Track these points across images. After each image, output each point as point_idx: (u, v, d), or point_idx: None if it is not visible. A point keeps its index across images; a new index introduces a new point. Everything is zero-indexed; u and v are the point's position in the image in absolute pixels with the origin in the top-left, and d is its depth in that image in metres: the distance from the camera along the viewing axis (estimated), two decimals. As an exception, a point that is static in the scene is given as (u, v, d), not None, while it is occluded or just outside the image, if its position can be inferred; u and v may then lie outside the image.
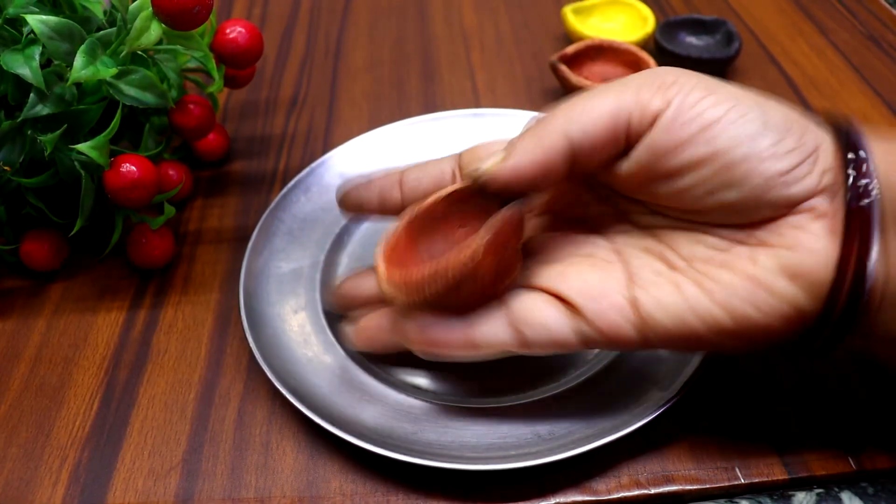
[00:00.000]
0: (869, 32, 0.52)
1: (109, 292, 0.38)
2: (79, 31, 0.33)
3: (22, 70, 0.32)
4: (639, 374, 0.31)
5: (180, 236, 0.40)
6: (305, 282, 0.36)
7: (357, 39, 0.55)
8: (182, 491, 0.29)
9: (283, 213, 0.38)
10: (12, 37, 0.33)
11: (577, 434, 0.29)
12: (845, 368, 0.32)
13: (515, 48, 0.53)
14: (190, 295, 0.37)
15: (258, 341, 0.32)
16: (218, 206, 0.42)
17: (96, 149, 0.33)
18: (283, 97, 0.50)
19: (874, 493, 0.28)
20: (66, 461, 0.31)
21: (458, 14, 0.57)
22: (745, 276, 0.24)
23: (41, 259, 0.37)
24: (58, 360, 0.35)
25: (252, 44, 0.37)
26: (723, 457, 0.29)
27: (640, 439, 0.30)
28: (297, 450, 0.31)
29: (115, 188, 0.34)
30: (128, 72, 0.34)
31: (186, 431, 0.31)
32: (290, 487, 0.29)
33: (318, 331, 0.34)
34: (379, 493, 0.29)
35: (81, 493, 0.30)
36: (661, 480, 0.29)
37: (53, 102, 0.33)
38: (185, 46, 0.35)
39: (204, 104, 0.38)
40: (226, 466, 0.30)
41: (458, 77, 0.51)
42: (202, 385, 0.33)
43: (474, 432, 0.30)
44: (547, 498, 0.28)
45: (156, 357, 0.34)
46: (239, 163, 0.45)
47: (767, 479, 0.28)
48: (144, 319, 0.36)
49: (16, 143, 0.34)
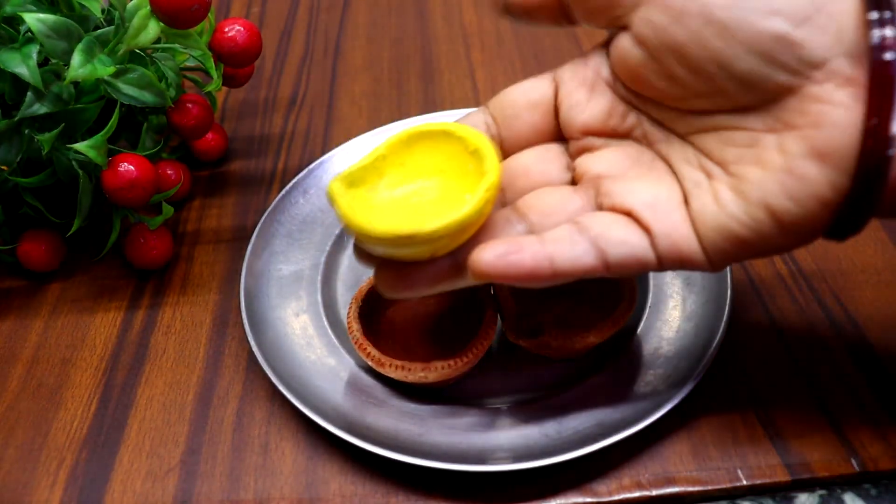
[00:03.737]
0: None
1: (107, 292, 0.37)
2: (76, 29, 0.33)
3: (19, 69, 0.32)
4: (639, 374, 0.31)
5: (178, 236, 0.40)
6: (306, 284, 0.36)
7: (356, 39, 0.55)
8: (180, 492, 0.29)
9: (281, 215, 0.38)
10: (10, 35, 0.33)
11: (583, 434, 0.29)
12: (848, 370, 0.32)
13: (515, 48, 0.53)
14: (188, 295, 0.37)
15: (260, 344, 0.32)
16: (216, 206, 0.42)
17: (94, 148, 0.33)
18: (281, 97, 0.50)
19: (877, 495, 0.28)
20: (64, 462, 0.30)
21: (458, 13, 0.57)
22: (776, 168, 0.23)
23: (39, 259, 0.37)
24: (55, 360, 0.34)
25: (251, 42, 0.37)
26: (724, 458, 0.29)
27: (641, 441, 0.29)
28: (296, 451, 0.30)
29: (112, 188, 0.34)
30: (126, 70, 0.34)
31: (185, 433, 0.31)
32: (289, 489, 0.29)
33: (321, 334, 0.34)
34: (379, 494, 0.29)
35: (79, 495, 0.29)
36: (662, 482, 0.28)
37: (51, 101, 0.33)
38: (184, 45, 0.35)
39: (202, 103, 0.38)
40: (224, 468, 0.30)
41: (458, 76, 0.51)
42: (200, 386, 0.33)
43: (482, 434, 0.30)
44: (548, 499, 0.28)
45: (154, 358, 0.34)
46: (237, 162, 0.44)
47: (769, 480, 0.28)
48: (142, 320, 0.36)
49: (13, 142, 0.34)
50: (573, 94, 0.28)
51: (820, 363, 0.32)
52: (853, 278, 0.35)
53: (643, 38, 0.25)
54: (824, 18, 0.22)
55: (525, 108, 0.28)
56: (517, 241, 0.25)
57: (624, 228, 0.25)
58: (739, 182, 0.24)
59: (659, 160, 0.27)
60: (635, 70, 0.26)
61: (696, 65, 0.24)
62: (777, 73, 0.23)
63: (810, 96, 0.23)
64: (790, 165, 0.23)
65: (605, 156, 0.27)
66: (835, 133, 0.22)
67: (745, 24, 0.23)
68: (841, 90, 0.22)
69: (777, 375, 0.32)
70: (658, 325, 0.33)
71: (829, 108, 0.22)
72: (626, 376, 0.31)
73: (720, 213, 0.24)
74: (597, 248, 0.25)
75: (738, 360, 0.32)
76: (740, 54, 0.23)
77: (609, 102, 0.28)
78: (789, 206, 0.23)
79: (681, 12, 0.24)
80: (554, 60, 0.51)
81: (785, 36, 0.22)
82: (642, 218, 0.25)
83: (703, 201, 0.24)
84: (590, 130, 0.28)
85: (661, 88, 0.25)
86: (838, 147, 0.22)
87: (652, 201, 0.25)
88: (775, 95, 0.23)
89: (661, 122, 0.27)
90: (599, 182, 0.27)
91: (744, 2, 0.23)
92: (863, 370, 0.32)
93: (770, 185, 0.23)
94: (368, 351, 0.30)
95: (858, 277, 0.35)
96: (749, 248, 0.24)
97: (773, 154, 0.23)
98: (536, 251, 0.24)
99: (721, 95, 0.24)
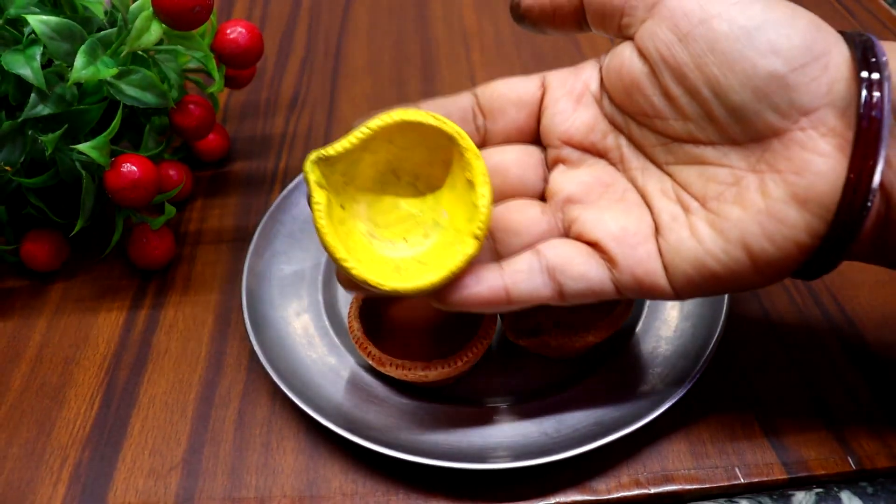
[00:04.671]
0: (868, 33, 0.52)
1: (110, 292, 0.38)
2: (79, 31, 0.33)
3: (23, 70, 0.32)
4: (638, 374, 0.31)
5: (180, 236, 0.40)
6: (307, 284, 0.36)
7: (357, 40, 0.55)
8: (182, 490, 0.29)
9: (282, 215, 0.38)
10: (13, 37, 0.33)
11: (582, 432, 0.29)
12: (845, 369, 0.32)
13: (515, 48, 0.53)
14: (190, 295, 0.37)
15: (262, 344, 0.32)
16: (218, 206, 0.42)
17: (97, 149, 0.33)
18: (283, 98, 0.50)
19: (873, 493, 0.29)
20: (67, 461, 0.31)
21: (458, 14, 0.58)
22: (756, 209, 0.24)
23: (42, 259, 0.37)
24: (58, 360, 0.35)
25: (252, 44, 0.37)
26: (722, 456, 0.29)
27: (640, 439, 0.30)
28: (297, 450, 0.31)
29: (115, 188, 0.34)
30: (128, 72, 0.34)
31: (187, 431, 0.31)
32: (291, 487, 0.29)
33: (322, 333, 0.34)
34: (379, 492, 0.29)
35: (82, 493, 0.30)
36: (660, 480, 0.29)
37: (54, 102, 0.33)
38: (186, 47, 0.35)
39: (204, 104, 0.38)
40: (226, 466, 0.30)
41: (458, 77, 0.51)
42: (202, 385, 0.33)
43: (481, 432, 0.30)
44: (547, 497, 0.28)
45: (156, 357, 0.35)
46: (239, 163, 0.45)
47: (767, 478, 0.29)
48: (145, 319, 0.36)
49: (17, 143, 0.34)
50: (559, 101, 0.28)
51: (817, 362, 0.32)
52: (850, 278, 0.35)
53: (646, 51, 0.25)
54: (819, 68, 0.23)
55: (512, 103, 0.28)
56: (478, 272, 0.26)
57: (585, 263, 0.25)
58: (718, 219, 0.24)
59: (632, 190, 0.27)
60: (633, 81, 0.26)
61: (692, 87, 0.24)
62: (767, 112, 0.23)
63: (795, 141, 0.23)
64: (771, 208, 0.23)
65: (579, 176, 0.28)
66: (817, 181, 0.23)
67: (745, 59, 0.23)
68: (825, 140, 0.23)
69: (774, 374, 0.32)
70: (656, 325, 0.33)
71: (813, 156, 0.23)
72: (625, 375, 0.31)
73: (697, 248, 0.24)
74: (554, 282, 0.25)
75: (735, 359, 0.33)
76: (736, 86, 0.23)
77: (592, 117, 0.28)
78: (767, 247, 0.23)
79: (687, 34, 0.24)
80: (553, 62, 0.52)
81: (782, 77, 0.23)
82: (608, 250, 0.25)
83: (680, 235, 0.25)
84: (569, 141, 0.28)
85: (654, 104, 0.26)
86: (819, 195, 0.23)
87: (619, 234, 0.26)
88: (762, 134, 0.24)
89: (642, 148, 0.27)
90: (569, 206, 0.27)
91: (748, 37, 0.23)
92: (860, 369, 0.32)
93: (750, 225, 0.24)
94: (369, 350, 0.30)
95: (855, 277, 0.35)
96: (719, 284, 0.25)
97: (755, 195, 0.24)
98: (494, 284, 0.25)
99: (710, 123, 0.25)
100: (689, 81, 0.24)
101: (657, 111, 0.26)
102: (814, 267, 0.24)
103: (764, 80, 0.23)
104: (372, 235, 0.27)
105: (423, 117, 0.26)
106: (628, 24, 0.26)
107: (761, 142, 0.24)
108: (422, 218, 0.27)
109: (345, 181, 0.26)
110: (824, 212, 0.23)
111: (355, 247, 0.26)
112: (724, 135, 0.25)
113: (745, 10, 0.23)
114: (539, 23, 0.29)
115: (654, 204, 0.26)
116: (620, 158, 0.28)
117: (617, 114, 0.27)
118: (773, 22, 0.23)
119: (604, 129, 0.28)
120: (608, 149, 0.28)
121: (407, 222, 0.27)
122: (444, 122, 0.26)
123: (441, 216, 0.27)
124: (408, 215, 0.27)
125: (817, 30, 0.23)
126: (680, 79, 0.24)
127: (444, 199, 0.27)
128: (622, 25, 0.26)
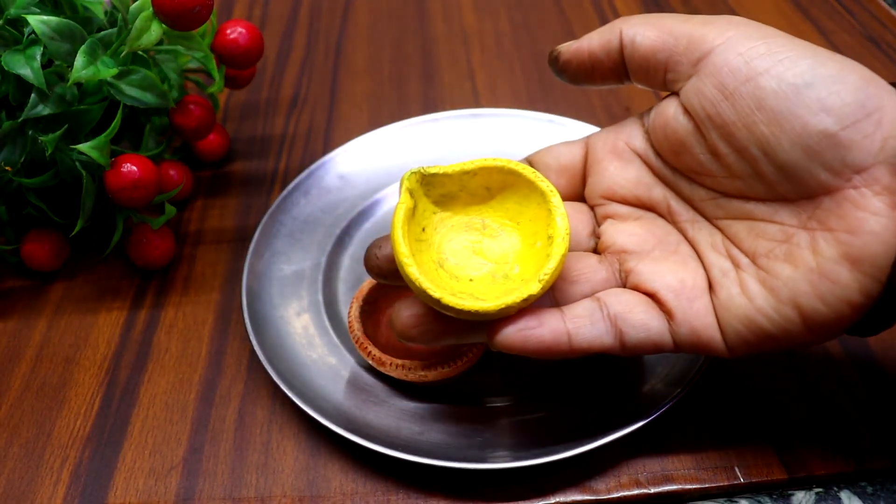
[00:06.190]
0: (868, 33, 0.52)
1: (110, 292, 0.38)
2: (80, 31, 0.33)
3: (23, 70, 0.32)
4: (638, 373, 0.31)
5: (181, 236, 0.40)
6: (308, 284, 0.36)
7: (357, 40, 0.55)
8: (183, 490, 0.29)
9: (283, 215, 0.38)
10: (13, 37, 0.33)
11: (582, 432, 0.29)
12: (844, 368, 0.32)
13: (515, 48, 0.53)
14: (190, 295, 0.37)
15: (262, 344, 0.32)
16: (218, 206, 0.42)
17: (97, 149, 0.33)
18: (283, 98, 0.50)
19: (873, 493, 0.29)
20: (67, 461, 0.31)
21: (458, 14, 0.58)
22: (808, 269, 0.23)
23: (42, 259, 0.37)
24: (59, 359, 0.35)
25: (252, 44, 0.37)
26: (722, 456, 0.29)
27: (640, 439, 0.30)
28: (297, 449, 0.31)
29: (115, 188, 0.34)
30: (128, 72, 0.34)
31: (187, 431, 0.32)
32: (291, 487, 0.29)
33: (322, 333, 0.34)
34: (379, 492, 0.29)
35: (82, 493, 0.30)
36: (660, 480, 0.29)
37: (54, 103, 0.33)
38: (186, 47, 0.35)
39: (204, 104, 0.38)
40: (226, 466, 0.30)
41: (458, 77, 0.51)
42: (203, 385, 0.33)
43: (481, 432, 0.30)
44: (547, 497, 0.28)
45: (156, 357, 0.35)
46: (239, 163, 0.45)
47: (767, 478, 0.29)
48: (145, 319, 0.36)
49: (17, 143, 0.34)
50: (602, 161, 0.28)
51: (817, 361, 0.32)
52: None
53: (691, 108, 0.25)
54: (872, 124, 0.22)
55: (555, 171, 0.29)
56: (539, 314, 0.25)
57: (645, 312, 0.25)
58: (769, 277, 0.24)
59: (685, 242, 0.27)
60: (678, 138, 0.26)
61: (740, 145, 0.24)
62: (819, 171, 0.23)
63: (848, 199, 0.23)
64: (823, 268, 0.23)
65: (631, 228, 0.27)
66: (870, 241, 0.22)
67: (795, 117, 0.23)
68: (878, 198, 0.22)
69: (774, 374, 0.32)
70: (656, 325, 0.33)
71: (867, 215, 0.22)
72: (625, 375, 0.31)
73: (748, 306, 0.24)
74: (616, 329, 0.25)
75: (736, 359, 0.32)
76: (785, 145, 0.23)
77: (637, 173, 0.28)
78: (819, 306, 0.23)
79: (733, 92, 0.24)
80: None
81: (833, 135, 0.22)
82: (666, 302, 0.25)
83: (731, 292, 0.25)
84: (614, 196, 0.28)
85: (702, 162, 0.25)
86: (873, 255, 0.22)
87: (677, 286, 0.25)
88: (813, 192, 0.23)
89: (691, 201, 0.27)
90: (624, 257, 0.27)
91: (797, 95, 0.23)
92: (859, 368, 0.32)
93: (801, 284, 0.23)
94: (369, 350, 0.30)
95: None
96: (772, 342, 0.24)
97: (806, 253, 0.23)
98: (556, 327, 0.25)
99: (760, 181, 0.24)
100: (737, 140, 0.24)
101: (705, 168, 0.25)
102: (869, 325, 0.24)
103: (815, 138, 0.22)
104: (440, 265, 0.26)
105: (523, 169, 0.26)
106: (673, 80, 0.26)
107: (813, 199, 0.23)
108: (493, 269, 0.27)
109: (434, 210, 0.27)
110: (878, 272, 0.22)
111: (420, 261, 0.25)
112: (774, 192, 0.24)
113: (793, 66, 0.23)
114: (578, 77, 0.29)
115: (705, 258, 0.26)
116: (668, 211, 0.27)
117: (665, 169, 0.27)
118: (822, 78, 0.23)
119: (649, 182, 0.28)
120: (656, 202, 0.28)
121: (479, 269, 0.27)
122: (539, 177, 0.26)
123: (512, 270, 0.26)
124: (480, 264, 0.27)
125: (869, 84, 0.23)
126: (727, 137, 0.24)
127: (520, 255, 0.27)
128: (667, 81, 0.26)
